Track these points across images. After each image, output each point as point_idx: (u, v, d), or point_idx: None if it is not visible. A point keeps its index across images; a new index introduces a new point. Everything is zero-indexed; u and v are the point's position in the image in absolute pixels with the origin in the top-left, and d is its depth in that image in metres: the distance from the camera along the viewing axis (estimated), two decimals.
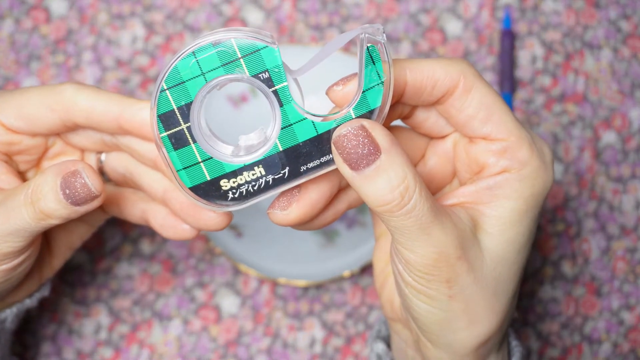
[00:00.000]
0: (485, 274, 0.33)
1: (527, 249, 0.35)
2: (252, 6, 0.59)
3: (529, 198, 0.34)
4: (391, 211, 0.31)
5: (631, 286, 0.57)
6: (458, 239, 0.32)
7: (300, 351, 0.55)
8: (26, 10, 0.58)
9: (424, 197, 0.31)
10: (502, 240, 0.34)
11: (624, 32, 0.60)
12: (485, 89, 0.34)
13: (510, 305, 0.35)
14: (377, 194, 0.31)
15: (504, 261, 0.34)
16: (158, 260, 0.55)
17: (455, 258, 0.32)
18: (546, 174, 0.34)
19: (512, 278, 0.35)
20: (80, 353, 0.54)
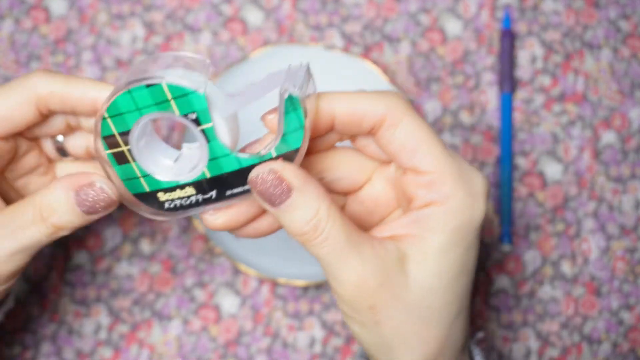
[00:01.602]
0: (413, 303, 0.35)
1: (463, 278, 0.36)
2: (252, 6, 0.59)
3: (454, 231, 0.35)
4: (308, 241, 0.34)
5: (631, 286, 0.57)
6: (378, 268, 0.34)
7: (300, 351, 0.55)
8: (26, 10, 0.58)
9: (338, 229, 0.33)
10: (429, 273, 0.35)
11: (623, 32, 0.60)
12: (413, 124, 0.35)
13: (448, 332, 0.36)
14: (292, 226, 0.34)
15: (434, 291, 0.35)
16: (158, 260, 0.55)
17: (375, 286, 0.34)
18: (473, 206, 0.35)
19: (446, 307, 0.36)
20: (80, 353, 0.54)
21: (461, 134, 0.58)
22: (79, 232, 0.55)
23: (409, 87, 0.59)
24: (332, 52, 0.55)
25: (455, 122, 0.58)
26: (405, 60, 0.59)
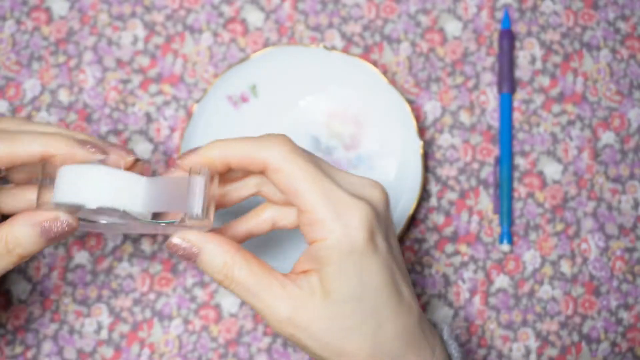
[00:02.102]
0: (328, 326, 0.40)
1: (370, 295, 0.40)
2: (252, 6, 0.59)
3: (341, 261, 0.39)
4: (226, 286, 0.41)
5: (630, 286, 0.57)
6: (290, 301, 0.40)
7: (300, 350, 0.55)
8: (27, 11, 0.58)
9: (246, 274, 0.40)
10: (334, 300, 0.40)
11: (622, 32, 0.60)
12: (290, 170, 0.39)
13: (373, 343, 0.40)
14: (211, 275, 0.41)
15: (344, 314, 0.40)
16: (158, 260, 0.56)
17: (286, 319, 0.40)
18: (352, 238, 0.39)
19: (362, 324, 0.40)
20: (81, 352, 0.54)
21: (461, 134, 0.58)
22: (80, 232, 0.55)
23: (409, 88, 0.59)
24: (332, 53, 0.56)
25: (455, 122, 0.58)
26: (405, 60, 0.59)
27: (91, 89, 0.58)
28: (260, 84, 0.57)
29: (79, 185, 0.39)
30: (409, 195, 0.55)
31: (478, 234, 0.57)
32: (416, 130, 0.55)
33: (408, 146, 0.56)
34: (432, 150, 0.58)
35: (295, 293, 0.40)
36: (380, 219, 0.41)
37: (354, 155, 0.57)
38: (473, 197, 0.57)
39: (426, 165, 0.58)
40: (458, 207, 0.57)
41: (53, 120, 0.57)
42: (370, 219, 0.40)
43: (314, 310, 0.40)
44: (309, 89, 0.57)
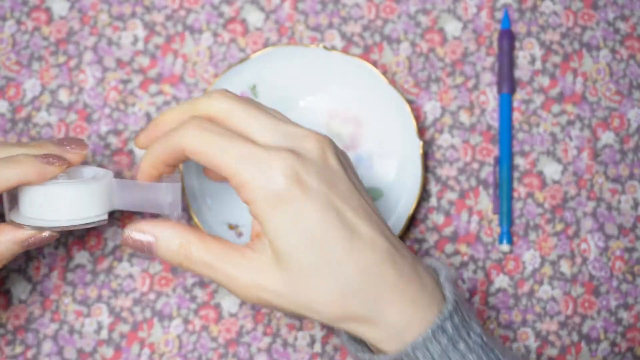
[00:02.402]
0: (286, 279, 0.40)
1: (314, 237, 0.40)
2: (252, 7, 0.59)
3: (271, 215, 0.40)
4: (185, 267, 0.42)
5: (629, 286, 0.57)
6: (250, 267, 0.41)
7: (300, 350, 0.55)
8: (27, 11, 0.58)
9: (204, 250, 0.41)
10: (281, 253, 0.40)
11: (622, 32, 0.60)
12: (203, 150, 0.41)
13: (337, 281, 0.40)
14: (170, 260, 0.42)
15: (296, 264, 0.40)
16: (159, 260, 0.56)
17: (250, 282, 0.41)
18: (275, 189, 0.40)
19: (319, 267, 0.40)
20: (81, 352, 0.54)
21: (460, 134, 0.58)
22: (80, 232, 0.56)
23: (409, 88, 0.59)
24: (332, 53, 0.56)
25: (455, 122, 0.58)
26: (405, 60, 0.59)
27: (91, 89, 0.58)
28: (260, 84, 0.57)
29: (45, 206, 0.43)
30: (408, 195, 0.55)
31: (478, 234, 0.57)
32: (416, 130, 0.55)
33: (408, 146, 0.56)
34: (432, 150, 0.58)
35: (253, 258, 0.41)
36: (310, 164, 0.41)
37: (354, 155, 0.57)
38: (473, 197, 0.57)
39: (426, 165, 0.58)
40: (458, 207, 0.57)
41: (53, 120, 0.57)
42: (292, 165, 0.40)
43: (270, 269, 0.40)
44: (309, 89, 0.57)
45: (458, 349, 0.41)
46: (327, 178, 0.41)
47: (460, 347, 0.41)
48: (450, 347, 0.41)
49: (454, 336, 0.41)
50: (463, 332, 0.41)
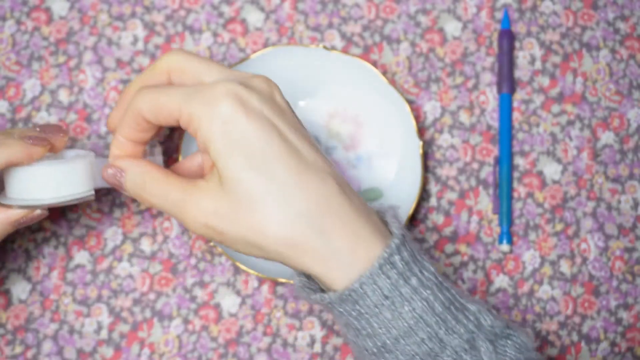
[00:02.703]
0: (234, 203, 0.40)
1: (257, 158, 0.40)
2: (252, 7, 0.59)
3: (215, 140, 0.40)
4: (149, 202, 0.43)
5: (629, 286, 0.57)
6: (205, 197, 0.41)
7: (300, 350, 0.55)
8: (27, 11, 0.58)
9: (158, 183, 0.43)
10: (229, 178, 0.40)
11: (622, 33, 0.60)
12: (153, 104, 0.42)
13: (286, 204, 0.40)
14: (136, 195, 0.44)
15: (243, 187, 0.40)
16: (158, 260, 0.56)
17: (206, 211, 0.41)
18: (216, 112, 0.40)
19: (267, 190, 0.40)
20: (81, 352, 0.54)
21: (460, 134, 0.58)
22: (80, 232, 0.56)
23: (409, 88, 0.59)
24: (331, 53, 0.56)
25: (455, 122, 0.58)
26: (404, 60, 0.59)
27: (91, 89, 0.58)
28: None
29: (32, 186, 0.45)
30: (408, 195, 0.55)
31: (478, 234, 0.57)
32: (416, 130, 0.55)
33: (408, 146, 0.56)
34: (431, 150, 0.58)
35: (202, 185, 0.41)
36: (256, 92, 0.41)
37: (354, 155, 0.57)
38: (473, 197, 0.57)
39: (426, 165, 0.58)
40: (458, 207, 0.57)
41: (53, 120, 0.57)
42: (236, 92, 0.40)
43: (216, 193, 0.41)
44: (309, 89, 0.57)
45: (410, 284, 0.40)
46: (272, 107, 0.41)
47: (412, 282, 0.40)
48: (401, 281, 0.40)
49: (404, 271, 0.40)
50: (415, 268, 0.40)
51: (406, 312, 0.40)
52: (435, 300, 0.40)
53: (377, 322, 0.40)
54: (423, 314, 0.40)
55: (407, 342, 0.40)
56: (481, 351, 0.40)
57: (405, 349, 0.40)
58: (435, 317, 0.40)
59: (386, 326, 0.40)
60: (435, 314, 0.40)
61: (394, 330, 0.40)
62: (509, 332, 0.42)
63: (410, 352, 0.40)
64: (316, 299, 0.42)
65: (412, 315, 0.40)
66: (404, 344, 0.40)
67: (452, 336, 0.40)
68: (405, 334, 0.40)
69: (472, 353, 0.40)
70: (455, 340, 0.40)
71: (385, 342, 0.40)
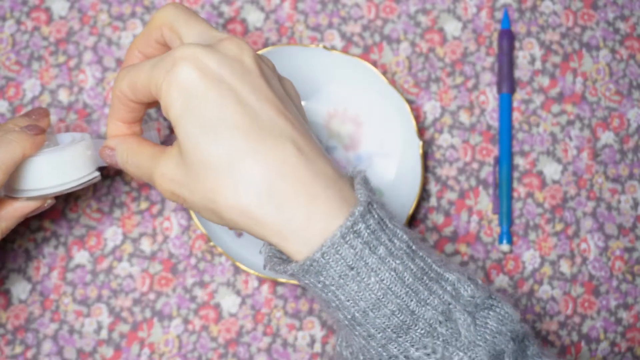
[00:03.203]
0: (194, 170, 0.39)
1: (218, 123, 0.39)
2: (252, 7, 0.59)
3: (168, 97, 0.39)
4: (127, 170, 0.45)
5: (629, 285, 0.57)
6: (164, 163, 0.41)
7: (300, 350, 0.55)
8: (27, 11, 0.58)
9: (135, 155, 0.44)
10: (186, 146, 0.39)
11: (622, 33, 0.60)
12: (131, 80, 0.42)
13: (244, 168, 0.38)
14: (122, 168, 0.45)
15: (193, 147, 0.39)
16: (158, 260, 0.56)
17: (165, 176, 0.41)
18: (177, 79, 0.39)
19: (229, 160, 0.38)
20: (81, 352, 0.54)
21: (460, 134, 0.58)
22: (80, 232, 0.56)
23: (408, 88, 0.59)
24: (331, 53, 0.56)
25: (455, 122, 0.58)
26: (404, 60, 0.59)
27: (91, 89, 0.58)
28: None
29: (37, 176, 0.45)
30: (408, 195, 0.55)
31: (477, 234, 0.57)
32: (416, 130, 0.55)
33: (408, 146, 0.56)
34: (431, 150, 0.58)
35: (167, 153, 0.41)
36: (219, 56, 0.39)
37: (354, 155, 0.57)
38: (472, 197, 0.57)
39: (426, 165, 0.58)
40: (457, 207, 0.57)
41: (53, 120, 0.57)
42: (197, 56, 0.39)
43: (175, 160, 0.40)
44: (309, 89, 0.57)
45: (376, 253, 0.38)
46: (235, 70, 0.40)
47: (380, 251, 0.38)
48: (366, 251, 0.38)
49: (370, 240, 0.38)
50: (383, 237, 0.38)
51: (373, 283, 0.38)
52: (405, 270, 0.38)
53: (344, 294, 0.38)
54: (392, 284, 0.38)
55: (376, 314, 0.38)
56: (458, 323, 0.38)
57: (375, 322, 0.38)
58: (406, 289, 0.38)
59: (353, 298, 0.38)
60: (405, 285, 0.38)
61: (361, 302, 0.38)
62: (492, 303, 0.40)
63: (381, 325, 0.38)
64: (280, 270, 0.40)
65: (380, 286, 0.38)
66: (373, 316, 0.38)
67: (425, 308, 0.38)
68: (374, 306, 0.38)
69: (448, 325, 0.38)
70: (428, 312, 0.38)
71: (355, 315, 0.38)
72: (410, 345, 0.38)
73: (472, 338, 0.38)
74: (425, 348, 0.38)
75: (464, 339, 0.38)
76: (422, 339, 0.38)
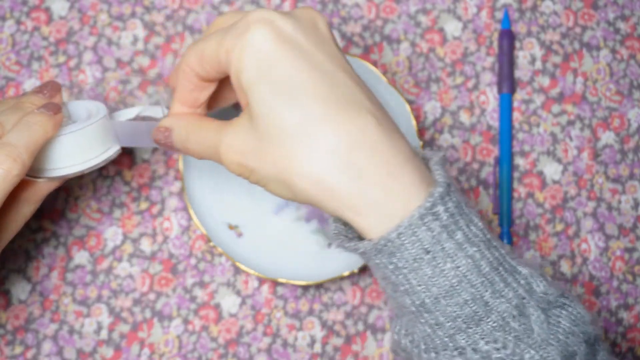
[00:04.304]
0: (262, 132, 0.37)
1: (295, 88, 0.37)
2: (252, 7, 0.59)
3: (240, 63, 0.38)
4: (186, 150, 0.42)
5: (629, 286, 0.57)
6: (232, 135, 0.39)
7: (300, 350, 0.55)
8: (27, 11, 0.58)
9: (206, 131, 0.41)
10: (260, 115, 0.37)
11: (622, 32, 0.60)
12: (198, 54, 0.40)
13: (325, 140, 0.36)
14: (180, 148, 0.43)
15: (269, 113, 0.37)
16: (158, 260, 0.56)
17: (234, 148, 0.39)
18: (243, 43, 0.37)
19: (304, 130, 0.36)
20: (81, 352, 0.54)
21: (461, 134, 0.58)
22: (80, 232, 0.56)
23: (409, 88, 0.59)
24: None
25: (455, 122, 0.58)
26: (405, 60, 0.59)
27: (91, 89, 0.58)
28: None
29: (57, 156, 0.44)
30: None
31: None
32: (416, 131, 0.55)
33: None
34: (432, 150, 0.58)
35: (236, 124, 0.39)
36: (293, 20, 0.38)
37: None
38: (473, 197, 0.57)
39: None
40: None
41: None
42: (271, 20, 0.37)
43: (247, 130, 0.38)
44: None
45: (454, 238, 0.36)
46: (310, 35, 0.38)
47: (457, 237, 0.36)
48: (444, 235, 0.36)
49: (449, 224, 0.36)
50: (461, 222, 0.36)
51: (448, 269, 0.36)
52: (482, 259, 0.36)
53: (416, 278, 0.36)
54: (468, 273, 0.36)
55: (448, 302, 0.36)
56: (531, 319, 0.37)
57: (446, 310, 0.36)
58: (481, 278, 0.36)
59: (426, 283, 0.36)
60: (481, 274, 0.36)
61: (434, 288, 0.36)
62: (564, 302, 0.38)
63: (452, 314, 0.36)
64: (350, 247, 0.38)
65: (455, 273, 0.36)
66: (445, 304, 0.36)
67: (499, 300, 0.36)
68: (447, 293, 0.36)
69: (521, 320, 0.36)
70: (502, 304, 0.36)
71: (424, 301, 0.36)
72: (480, 338, 0.37)
73: (545, 336, 0.37)
74: (495, 342, 0.36)
75: (537, 337, 0.37)
76: (493, 332, 0.36)
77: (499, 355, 0.36)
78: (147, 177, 0.56)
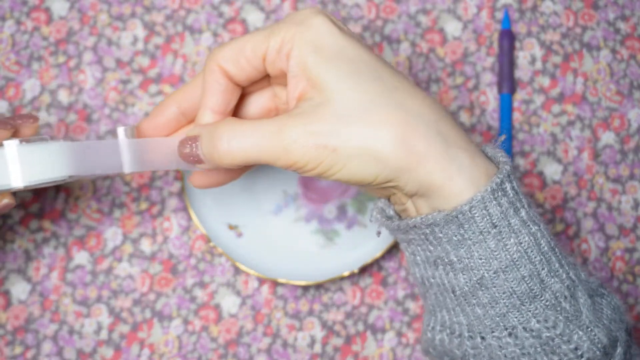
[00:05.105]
0: (339, 111, 0.37)
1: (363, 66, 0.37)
2: (252, 7, 0.59)
3: (304, 49, 0.38)
4: (226, 161, 0.38)
5: (630, 286, 0.57)
6: (301, 121, 0.37)
7: (300, 351, 0.55)
8: (27, 11, 0.58)
9: (260, 129, 0.38)
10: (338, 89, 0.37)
11: (622, 33, 0.60)
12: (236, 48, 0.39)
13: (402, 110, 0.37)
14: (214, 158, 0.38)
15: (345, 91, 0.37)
16: (158, 260, 0.56)
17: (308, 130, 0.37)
18: (302, 30, 0.38)
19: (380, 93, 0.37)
20: (81, 353, 0.54)
21: None
22: (80, 232, 0.56)
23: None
24: None
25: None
26: (405, 60, 0.59)
27: (91, 89, 0.58)
28: None
29: (4, 169, 0.40)
30: None
31: None
32: None
33: None
34: None
35: (306, 111, 0.38)
36: (334, 18, 0.40)
37: None
38: None
39: None
40: None
41: (53, 120, 0.57)
42: (322, 11, 0.39)
43: (318, 111, 0.37)
44: None
45: (519, 215, 0.37)
46: (352, 32, 0.41)
47: (522, 214, 0.37)
48: (511, 211, 0.37)
49: (514, 201, 0.37)
50: (524, 200, 0.38)
51: (511, 244, 0.37)
52: (542, 238, 0.38)
53: (479, 251, 0.37)
54: (528, 249, 0.37)
55: (506, 277, 0.37)
56: (579, 302, 0.38)
57: (503, 285, 0.37)
58: (540, 256, 0.37)
59: (487, 257, 0.37)
60: (540, 252, 0.37)
61: (495, 262, 0.37)
62: (603, 292, 0.40)
63: (508, 289, 0.37)
64: (424, 222, 0.38)
65: (517, 249, 0.37)
66: (504, 278, 0.37)
67: (554, 280, 0.38)
68: (507, 268, 0.37)
69: (572, 302, 0.38)
70: (556, 284, 0.38)
71: (483, 276, 0.37)
72: (532, 316, 0.38)
73: (593, 319, 0.38)
74: (546, 321, 0.38)
75: (585, 319, 0.38)
76: (545, 310, 0.38)
77: (549, 334, 0.37)
78: (147, 177, 0.56)
